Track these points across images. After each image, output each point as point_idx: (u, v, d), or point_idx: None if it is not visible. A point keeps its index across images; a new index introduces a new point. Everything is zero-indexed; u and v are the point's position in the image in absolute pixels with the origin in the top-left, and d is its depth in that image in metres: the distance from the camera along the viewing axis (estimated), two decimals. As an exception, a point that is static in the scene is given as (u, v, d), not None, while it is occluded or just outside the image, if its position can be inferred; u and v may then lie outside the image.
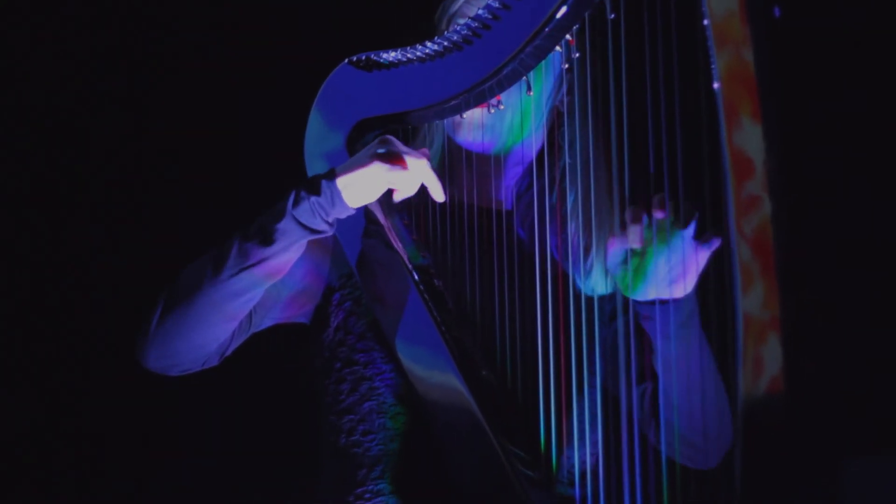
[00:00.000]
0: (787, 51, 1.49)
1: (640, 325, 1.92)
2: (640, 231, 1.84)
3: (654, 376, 1.95)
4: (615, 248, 1.88)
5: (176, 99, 2.90)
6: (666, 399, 1.92)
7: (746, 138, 1.48)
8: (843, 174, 2.48)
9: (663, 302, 1.87)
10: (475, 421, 1.91)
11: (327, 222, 1.88)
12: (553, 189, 2.04)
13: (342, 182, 1.87)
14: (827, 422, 2.40)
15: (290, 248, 1.89)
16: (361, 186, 1.88)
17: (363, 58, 1.96)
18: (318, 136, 1.98)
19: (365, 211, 1.97)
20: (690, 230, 1.82)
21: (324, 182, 1.87)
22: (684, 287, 1.86)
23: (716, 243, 1.83)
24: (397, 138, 1.93)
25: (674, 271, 1.85)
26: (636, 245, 1.85)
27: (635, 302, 1.90)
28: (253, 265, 1.88)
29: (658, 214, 1.82)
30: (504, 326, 1.96)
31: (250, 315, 1.99)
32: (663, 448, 1.95)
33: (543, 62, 1.91)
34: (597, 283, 2.02)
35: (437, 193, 1.93)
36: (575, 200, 2.03)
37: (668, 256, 1.83)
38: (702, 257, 1.84)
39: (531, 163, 2.07)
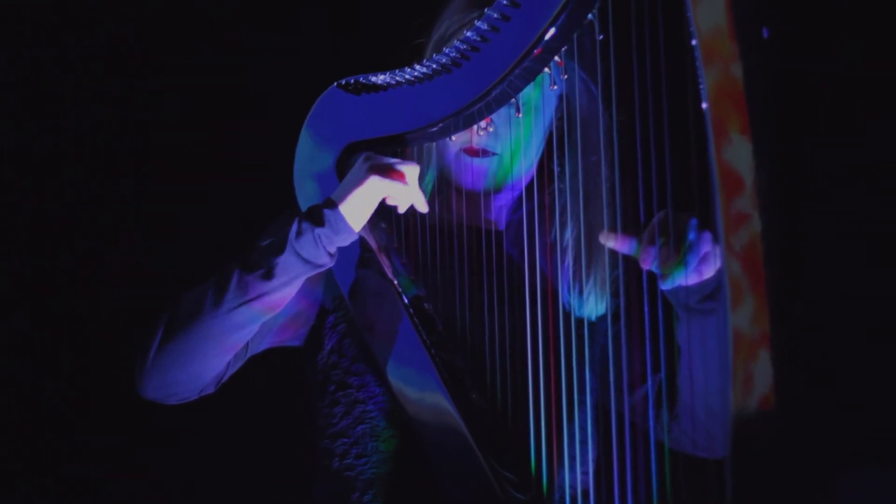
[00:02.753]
0: (777, 66, 1.50)
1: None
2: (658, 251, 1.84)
3: (656, 374, 1.95)
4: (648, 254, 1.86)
5: (169, 118, 2.91)
6: (685, 383, 1.93)
7: (735, 154, 1.48)
8: (835, 188, 2.49)
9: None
10: (465, 444, 1.90)
11: (329, 253, 1.88)
12: (544, 212, 2.05)
13: (344, 207, 1.87)
14: (819, 438, 2.40)
15: (290, 283, 1.89)
16: (361, 204, 1.88)
17: (352, 81, 1.96)
18: (308, 158, 1.98)
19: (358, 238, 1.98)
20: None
21: (326, 211, 1.87)
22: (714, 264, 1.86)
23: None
24: None
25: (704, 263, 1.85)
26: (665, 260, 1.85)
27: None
28: (252, 300, 1.88)
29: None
30: (494, 348, 1.96)
31: (247, 343, 1.99)
32: (667, 439, 1.95)
33: (542, 96, 1.91)
34: (591, 308, 2.03)
35: (421, 205, 1.93)
36: (565, 224, 2.04)
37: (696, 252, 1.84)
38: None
39: (524, 186, 2.08)
